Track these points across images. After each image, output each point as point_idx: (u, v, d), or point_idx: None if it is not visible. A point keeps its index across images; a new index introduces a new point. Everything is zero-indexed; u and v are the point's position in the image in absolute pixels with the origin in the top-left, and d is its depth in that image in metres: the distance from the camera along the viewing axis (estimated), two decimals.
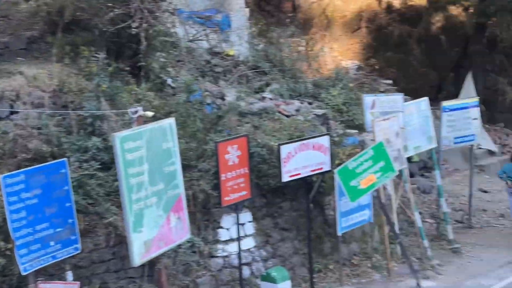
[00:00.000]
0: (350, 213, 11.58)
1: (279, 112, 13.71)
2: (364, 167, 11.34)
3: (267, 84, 15.06)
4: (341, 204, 11.30)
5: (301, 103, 14.64)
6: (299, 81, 15.59)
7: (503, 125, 22.94)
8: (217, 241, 11.01)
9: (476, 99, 15.83)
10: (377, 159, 11.55)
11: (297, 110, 14.08)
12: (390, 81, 20.93)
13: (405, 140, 13.07)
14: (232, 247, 11.01)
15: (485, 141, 19.91)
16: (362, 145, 13.41)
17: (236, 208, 10.67)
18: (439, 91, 23.26)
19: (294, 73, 15.82)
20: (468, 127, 15.14)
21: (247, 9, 16.85)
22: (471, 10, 22.31)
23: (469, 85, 20.00)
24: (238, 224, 10.82)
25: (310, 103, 14.84)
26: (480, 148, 19.43)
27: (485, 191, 17.78)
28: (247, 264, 11.22)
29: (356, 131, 14.15)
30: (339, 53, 22.68)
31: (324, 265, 12.13)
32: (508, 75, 24.18)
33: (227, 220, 11.12)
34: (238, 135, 11.01)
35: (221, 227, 11.12)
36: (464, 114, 15.11)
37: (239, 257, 10.72)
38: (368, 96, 13.87)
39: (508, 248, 13.98)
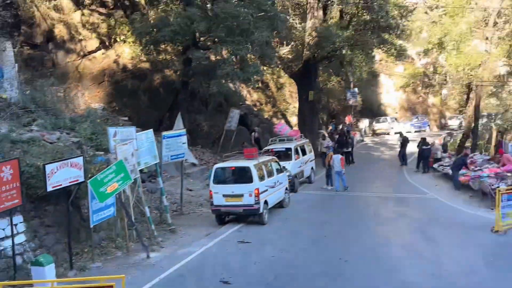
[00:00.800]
0: (100, 210, 11.26)
1: (44, 140, 12.75)
2: (110, 178, 11.19)
3: (34, 120, 13.90)
4: (93, 205, 10.95)
5: (61, 133, 13.81)
6: (59, 117, 14.67)
7: (200, 146, 24.21)
8: None
9: (184, 130, 16.47)
10: (118, 172, 11.46)
11: (58, 139, 13.25)
12: (126, 118, 20.78)
13: (138, 158, 13.11)
14: (7, 243, 9.88)
15: (190, 157, 20.74)
16: (108, 162, 13.09)
17: (10, 212, 9.69)
18: (160, 124, 23.72)
19: (55, 112, 14.84)
20: (180, 148, 15.68)
21: (17, 64, 15.43)
22: (179, 72, 23.28)
23: (179, 121, 20.56)
24: (12, 224, 9.82)
25: (68, 133, 14.07)
26: (187, 162, 20.22)
27: (190, 190, 18.53)
28: (20, 254, 10.16)
29: (103, 152, 13.77)
30: (89, 98, 21.94)
31: (80, 249, 11.52)
32: (204, 115, 25.71)
33: (2, 222, 9.93)
34: (10, 158, 10.05)
35: None
36: (177, 140, 15.60)
37: (13, 250, 9.74)
38: (111, 128, 13.58)
39: (205, 226, 14.76)
